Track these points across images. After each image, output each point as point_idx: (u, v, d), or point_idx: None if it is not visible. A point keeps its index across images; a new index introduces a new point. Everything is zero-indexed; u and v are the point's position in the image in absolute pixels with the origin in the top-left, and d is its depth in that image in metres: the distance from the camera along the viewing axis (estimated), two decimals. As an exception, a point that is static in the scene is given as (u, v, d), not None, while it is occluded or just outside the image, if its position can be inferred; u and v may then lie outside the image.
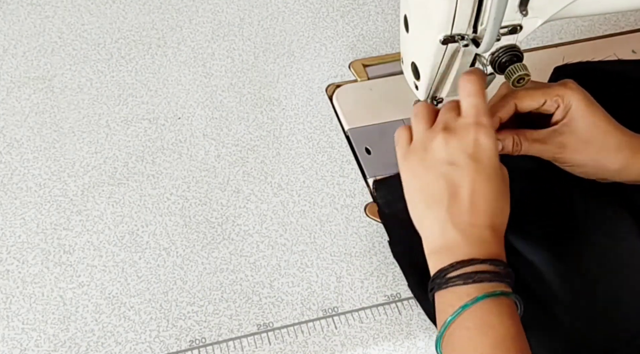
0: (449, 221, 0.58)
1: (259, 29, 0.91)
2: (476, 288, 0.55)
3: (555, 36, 0.91)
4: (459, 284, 0.55)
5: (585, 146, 0.64)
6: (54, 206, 0.72)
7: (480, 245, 0.57)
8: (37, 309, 0.65)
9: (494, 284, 0.55)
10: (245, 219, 0.72)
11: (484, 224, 0.58)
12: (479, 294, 0.55)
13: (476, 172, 0.58)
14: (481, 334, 0.54)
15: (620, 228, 0.67)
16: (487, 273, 0.56)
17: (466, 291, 0.55)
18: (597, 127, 0.64)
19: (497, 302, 0.55)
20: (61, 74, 0.84)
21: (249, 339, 0.64)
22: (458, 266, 0.56)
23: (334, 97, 0.83)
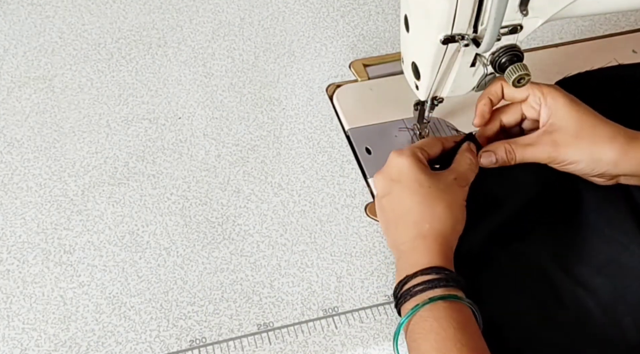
0: (394, 247, 0.65)
1: (260, 28, 0.91)
2: (413, 301, 0.58)
3: (556, 36, 0.91)
4: (402, 303, 0.59)
5: (576, 139, 0.64)
6: (55, 206, 0.72)
7: (411, 258, 0.61)
8: (38, 309, 0.65)
9: (426, 293, 0.58)
10: (245, 219, 0.72)
11: (413, 236, 0.62)
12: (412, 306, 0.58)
13: (401, 191, 0.64)
14: (424, 340, 0.56)
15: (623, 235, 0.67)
16: (419, 285, 0.59)
17: (407, 306, 0.59)
18: (584, 120, 0.64)
19: (433, 308, 0.57)
20: (62, 74, 0.84)
21: (249, 339, 0.64)
22: (399, 286, 0.60)
23: (334, 97, 0.83)
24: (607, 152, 0.63)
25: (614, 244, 0.67)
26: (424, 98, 0.71)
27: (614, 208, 0.68)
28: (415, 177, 0.64)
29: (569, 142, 0.64)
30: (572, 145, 0.64)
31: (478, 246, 0.65)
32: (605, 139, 0.64)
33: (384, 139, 0.78)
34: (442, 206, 0.63)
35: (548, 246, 0.68)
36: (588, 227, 0.68)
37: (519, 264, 0.66)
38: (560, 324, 0.63)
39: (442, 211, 0.62)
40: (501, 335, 0.60)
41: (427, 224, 0.62)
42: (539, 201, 0.70)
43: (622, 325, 0.63)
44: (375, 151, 0.77)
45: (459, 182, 0.65)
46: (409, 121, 0.79)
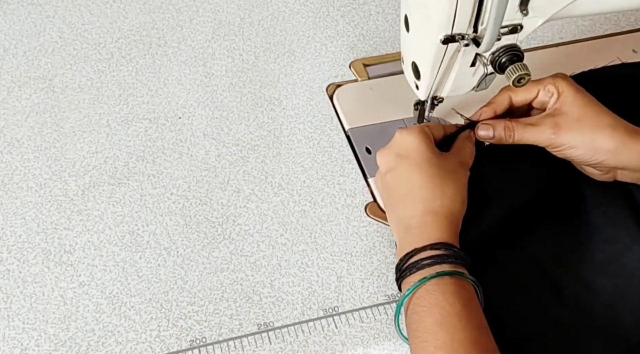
0: (400, 222, 0.64)
1: (260, 28, 0.91)
2: (419, 274, 0.59)
3: (556, 36, 0.91)
4: (407, 276, 0.60)
5: (579, 124, 0.65)
6: (55, 206, 0.72)
7: (420, 232, 0.61)
8: (38, 309, 0.65)
9: (434, 268, 0.58)
10: (245, 219, 0.72)
11: (422, 211, 0.62)
12: (417, 279, 0.58)
13: (409, 168, 0.64)
14: (428, 314, 0.56)
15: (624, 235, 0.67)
16: (427, 258, 0.59)
17: (412, 279, 0.59)
18: (588, 107, 0.65)
19: (440, 282, 0.57)
20: (62, 74, 0.84)
21: (250, 338, 0.64)
22: (405, 259, 0.60)
23: (334, 97, 0.83)
24: (607, 140, 0.64)
25: (616, 244, 0.67)
26: (424, 98, 0.71)
27: (615, 207, 0.68)
28: (424, 155, 0.64)
29: (571, 126, 0.65)
30: (574, 129, 0.65)
31: (477, 241, 0.65)
32: (607, 127, 0.64)
33: (384, 139, 0.78)
34: (452, 186, 0.64)
35: (549, 245, 0.68)
36: (589, 226, 0.68)
37: (520, 263, 0.66)
38: (561, 323, 0.63)
39: (453, 190, 0.63)
40: (502, 333, 0.60)
41: (438, 201, 0.62)
42: (540, 198, 0.70)
43: (623, 325, 0.63)
44: (375, 150, 0.77)
45: (463, 166, 0.66)
46: (409, 120, 0.79)
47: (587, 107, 0.65)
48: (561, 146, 0.65)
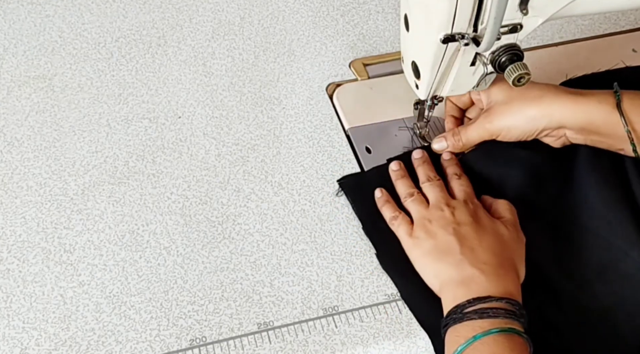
0: (464, 261, 0.62)
1: (259, 28, 0.91)
2: (490, 322, 0.57)
3: (556, 35, 0.91)
4: (474, 319, 0.58)
5: (507, 106, 0.69)
6: (55, 205, 0.72)
7: (497, 280, 0.60)
8: (38, 308, 0.65)
9: (507, 321, 0.57)
10: (245, 218, 0.72)
11: (497, 263, 0.62)
12: (492, 327, 0.57)
13: (481, 229, 0.64)
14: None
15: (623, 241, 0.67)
16: (503, 309, 0.58)
17: (480, 324, 0.57)
18: (512, 90, 0.68)
19: (509, 337, 0.57)
20: (61, 73, 0.84)
21: (250, 338, 0.64)
22: (475, 302, 0.59)
23: (334, 96, 0.83)
24: (535, 108, 0.68)
25: (614, 250, 0.66)
26: (424, 97, 0.71)
27: (615, 212, 0.67)
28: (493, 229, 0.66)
29: (501, 110, 0.69)
30: (504, 112, 0.69)
31: None
32: (534, 98, 0.68)
33: (384, 138, 0.78)
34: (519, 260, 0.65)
35: (548, 249, 0.68)
36: (588, 231, 0.68)
37: None
38: (558, 328, 0.63)
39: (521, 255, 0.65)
40: None
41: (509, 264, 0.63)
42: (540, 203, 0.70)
43: (619, 330, 0.63)
44: (375, 150, 0.77)
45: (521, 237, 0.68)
46: (409, 120, 0.79)
47: (512, 89, 0.68)
48: (501, 131, 0.70)
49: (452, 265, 0.62)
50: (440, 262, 0.63)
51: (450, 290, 0.61)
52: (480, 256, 0.62)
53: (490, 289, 0.59)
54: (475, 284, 0.60)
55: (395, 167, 0.73)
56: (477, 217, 0.66)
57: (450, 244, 0.63)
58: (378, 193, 0.71)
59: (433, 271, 0.64)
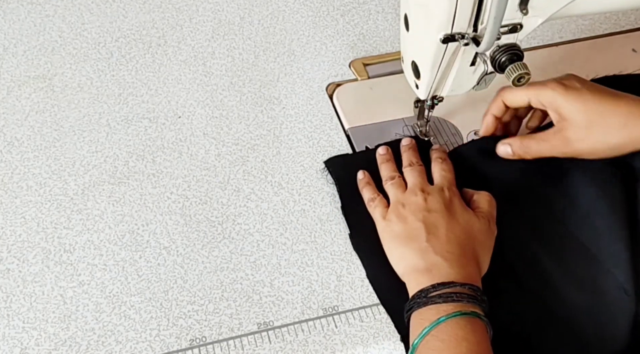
0: (429, 248, 0.63)
1: (260, 27, 0.91)
2: (453, 306, 0.59)
3: (556, 35, 0.91)
4: (439, 302, 0.59)
5: (587, 132, 0.66)
6: (55, 205, 0.72)
7: (459, 267, 0.62)
8: (38, 308, 0.65)
9: (470, 305, 0.59)
10: (245, 218, 0.72)
11: (460, 252, 0.63)
12: (455, 310, 0.58)
13: (451, 218, 0.65)
14: (455, 346, 0.57)
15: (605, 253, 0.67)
16: (465, 294, 0.59)
17: (444, 308, 0.59)
18: (591, 111, 0.65)
19: (471, 320, 0.58)
20: (61, 73, 0.84)
21: (249, 338, 0.64)
22: (439, 287, 0.60)
23: (334, 96, 0.83)
24: (620, 136, 0.65)
25: (597, 263, 0.66)
26: (423, 97, 0.71)
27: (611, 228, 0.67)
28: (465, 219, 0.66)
29: (581, 136, 0.66)
30: (585, 139, 0.66)
31: None
32: (617, 126, 0.65)
33: (384, 138, 0.78)
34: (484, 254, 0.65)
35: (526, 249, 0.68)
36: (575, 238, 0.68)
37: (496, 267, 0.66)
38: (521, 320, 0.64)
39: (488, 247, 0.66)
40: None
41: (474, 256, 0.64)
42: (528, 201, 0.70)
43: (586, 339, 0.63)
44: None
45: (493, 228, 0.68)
46: (409, 120, 0.79)
47: (590, 111, 0.65)
48: (579, 155, 0.67)
49: (417, 251, 0.63)
50: (406, 247, 0.64)
51: (414, 276, 0.63)
52: (444, 245, 0.63)
53: (453, 275, 0.61)
54: (438, 270, 0.62)
55: (382, 152, 0.74)
56: (449, 206, 0.66)
57: (418, 231, 0.64)
58: (360, 174, 0.73)
59: (398, 255, 0.65)
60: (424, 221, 0.65)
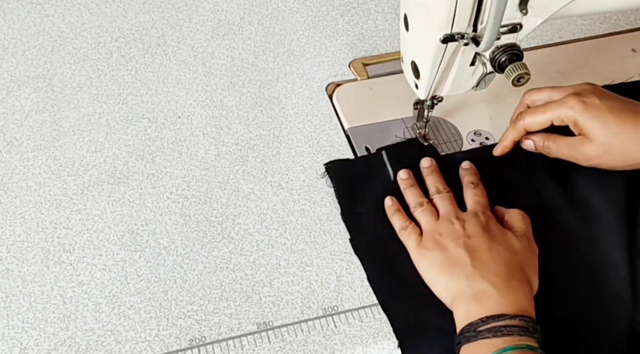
0: (475, 273, 0.61)
1: (259, 27, 0.91)
2: (504, 340, 0.57)
3: (555, 35, 0.91)
4: (488, 337, 0.57)
5: (606, 150, 0.67)
6: (54, 205, 0.72)
7: (509, 295, 0.60)
8: (37, 308, 0.65)
9: (521, 338, 0.57)
10: (245, 218, 0.72)
11: (508, 275, 0.61)
12: (506, 345, 0.56)
13: (491, 240, 0.64)
14: None
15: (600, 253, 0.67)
16: (517, 327, 0.57)
17: (494, 342, 0.57)
18: (609, 129, 0.66)
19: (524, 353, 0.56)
20: (61, 73, 0.84)
21: (249, 338, 0.64)
22: (488, 321, 0.58)
23: (334, 96, 0.83)
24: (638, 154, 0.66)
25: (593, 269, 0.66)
26: (423, 97, 0.71)
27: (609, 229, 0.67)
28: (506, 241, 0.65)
29: (599, 153, 0.67)
30: (603, 156, 0.67)
31: None
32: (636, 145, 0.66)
33: (384, 138, 0.78)
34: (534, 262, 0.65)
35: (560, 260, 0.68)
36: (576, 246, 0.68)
37: None
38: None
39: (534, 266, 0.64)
40: None
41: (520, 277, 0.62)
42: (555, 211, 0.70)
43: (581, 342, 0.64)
44: (374, 150, 0.77)
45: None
46: (409, 120, 0.79)
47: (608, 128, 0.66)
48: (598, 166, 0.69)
49: (463, 278, 0.62)
50: (451, 274, 0.62)
51: (462, 305, 0.61)
52: (491, 268, 0.61)
53: (503, 305, 0.59)
54: (488, 299, 0.60)
55: (405, 176, 0.72)
56: (488, 229, 0.65)
57: (460, 257, 0.63)
58: (388, 201, 0.71)
59: (443, 283, 0.63)
60: (465, 246, 0.63)
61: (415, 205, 0.69)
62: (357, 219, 0.71)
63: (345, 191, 0.73)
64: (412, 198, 0.70)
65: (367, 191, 0.73)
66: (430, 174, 0.72)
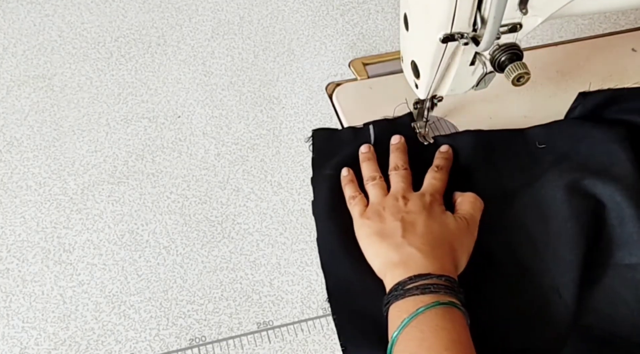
0: (404, 242, 0.64)
1: (259, 27, 0.91)
2: (431, 297, 0.59)
3: (555, 34, 0.91)
4: (416, 294, 0.59)
5: None
6: (54, 205, 0.72)
7: (434, 259, 0.62)
8: (37, 308, 0.65)
9: (447, 295, 0.59)
10: (245, 218, 0.72)
11: (435, 245, 0.64)
12: (433, 301, 0.59)
13: (429, 218, 0.66)
14: (435, 336, 0.57)
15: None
16: (442, 285, 0.60)
17: (422, 299, 0.59)
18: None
19: (450, 310, 0.59)
20: (61, 73, 0.84)
21: (249, 337, 0.64)
22: (416, 279, 0.61)
23: (333, 96, 0.83)
24: None
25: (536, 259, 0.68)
26: (423, 97, 0.71)
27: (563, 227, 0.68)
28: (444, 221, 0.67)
29: None
30: None
31: None
32: None
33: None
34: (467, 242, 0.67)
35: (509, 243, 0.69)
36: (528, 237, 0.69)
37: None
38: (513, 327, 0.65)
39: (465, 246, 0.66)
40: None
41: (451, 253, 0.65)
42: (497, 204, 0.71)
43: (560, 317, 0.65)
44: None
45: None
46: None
47: None
48: None
49: (392, 246, 0.64)
50: (381, 243, 0.65)
51: (390, 270, 0.63)
52: (419, 238, 0.64)
53: (429, 267, 0.61)
54: (414, 262, 0.62)
55: (365, 150, 0.75)
56: (428, 208, 0.67)
57: (394, 229, 0.65)
58: (344, 171, 0.73)
59: (375, 251, 0.66)
60: (401, 220, 0.66)
61: (368, 179, 0.72)
62: (323, 182, 0.73)
63: (320, 156, 0.76)
64: (366, 171, 0.73)
65: (341, 158, 0.74)
66: (395, 151, 0.74)
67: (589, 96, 0.76)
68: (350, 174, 0.73)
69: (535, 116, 0.79)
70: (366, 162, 0.74)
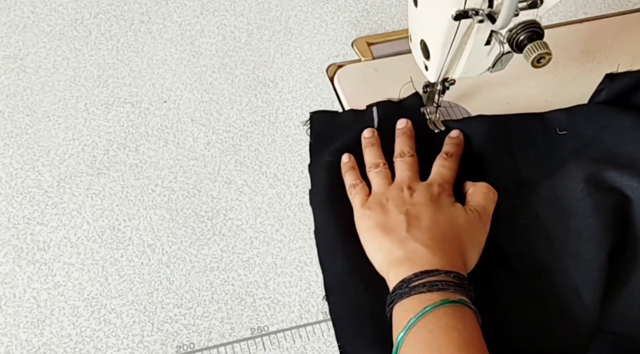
0: (408, 237, 0.64)
1: (253, 3, 0.91)
2: (439, 294, 0.59)
3: (580, 11, 0.91)
4: (423, 292, 0.59)
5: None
6: (27, 199, 0.72)
7: (442, 255, 0.62)
8: (8, 312, 0.65)
9: (457, 293, 0.59)
10: (237, 213, 0.72)
11: (443, 240, 0.64)
12: (442, 299, 0.59)
13: (436, 211, 0.66)
14: (445, 336, 0.57)
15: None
16: (451, 282, 0.60)
17: (429, 297, 0.59)
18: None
19: (459, 309, 0.59)
20: (34, 53, 0.84)
21: (242, 344, 0.64)
22: (422, 275, 0.60)
23: (335, 79, 0.83)
24: None
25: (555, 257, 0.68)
26: (434, 80, 0.71)
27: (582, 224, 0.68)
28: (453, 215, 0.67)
29: None
30: None
31: None
32: None
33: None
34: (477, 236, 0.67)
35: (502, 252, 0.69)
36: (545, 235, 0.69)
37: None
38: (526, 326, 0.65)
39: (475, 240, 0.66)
40: None
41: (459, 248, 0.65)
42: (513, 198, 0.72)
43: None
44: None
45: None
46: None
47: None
48: None
49: (396, 242, 0.64)
50: (384, 238, 0.65)
51: (394, 267, 0.63)
52: (425, 233, 0.64)
53: (436, 263, 0.61)
54: (420, 258, 0.62)
55: (368, 134, 0.75)
56: (436, 200, 0.67)
57: (398, 222, 0.65)
58: (345, 158, 0.74)
59: (376, 245, 0.66)
60: (406, 213, 0.66)
61: (371, 165, 0.72)
62: (322, 169, 0.73)
63: (319, 141, 0.76)
64: (369, 158, 0.73)
65: (342, 143, 0.75)
66: (401, 136, 0.75)
67: (617, 79, 0.76)
68: (351, 160, 0.73)
69: (557, 100, 0.79)
70: (369, 148, 0.74)
